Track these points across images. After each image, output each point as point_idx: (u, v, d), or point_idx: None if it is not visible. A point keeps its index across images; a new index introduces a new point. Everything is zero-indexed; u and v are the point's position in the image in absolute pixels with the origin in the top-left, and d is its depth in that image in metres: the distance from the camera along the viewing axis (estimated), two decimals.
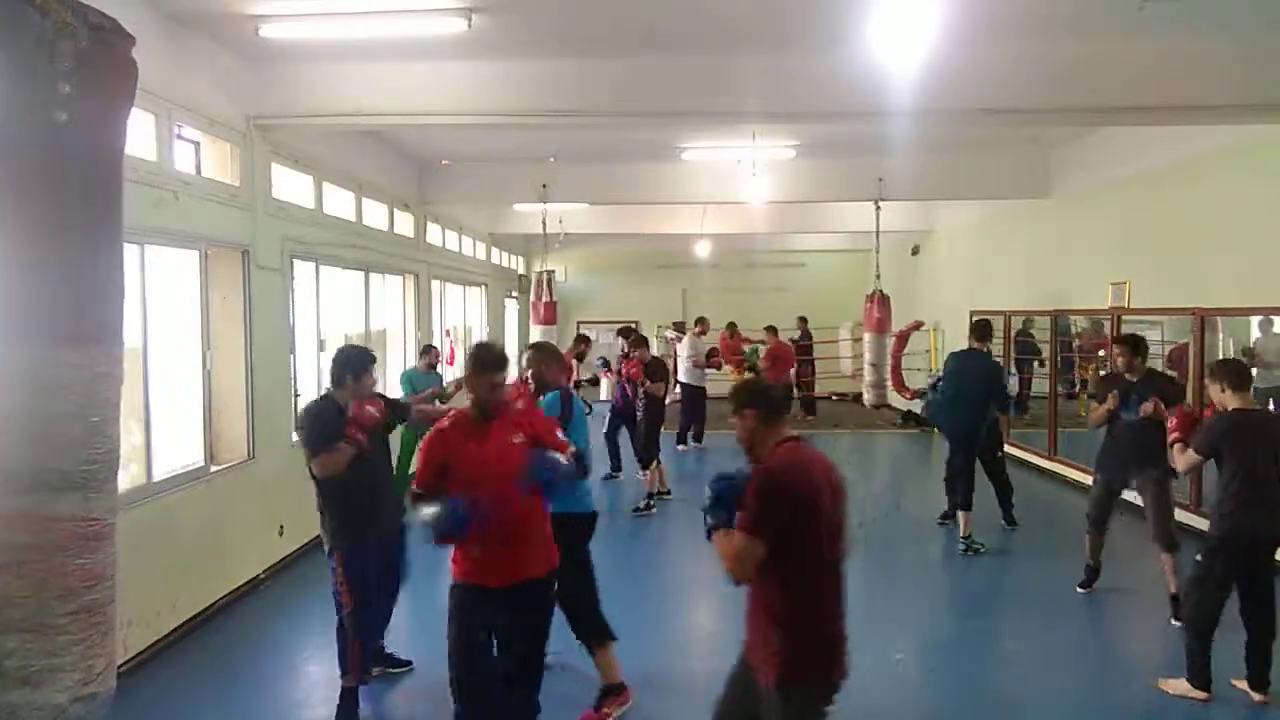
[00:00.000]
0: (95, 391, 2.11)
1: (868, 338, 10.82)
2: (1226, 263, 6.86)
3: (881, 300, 10.45)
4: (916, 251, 14.83)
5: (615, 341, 9.84)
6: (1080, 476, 8.65)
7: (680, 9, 5.32)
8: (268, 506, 6.16)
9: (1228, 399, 4.17)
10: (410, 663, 4.67)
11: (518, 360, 15.91)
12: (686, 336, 11.93)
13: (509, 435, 3.33)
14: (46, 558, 2.01)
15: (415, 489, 3.35)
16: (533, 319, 12.21)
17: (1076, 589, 5.83)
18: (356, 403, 4.05)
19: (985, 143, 9.47)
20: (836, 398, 16.74)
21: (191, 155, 5.64)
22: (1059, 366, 10.10)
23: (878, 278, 10.69)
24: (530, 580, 3.38)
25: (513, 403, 3.61)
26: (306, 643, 5.15)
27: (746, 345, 14.10)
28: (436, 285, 11.19)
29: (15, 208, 2.04)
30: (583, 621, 4.15)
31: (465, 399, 3.54)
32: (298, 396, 6.91)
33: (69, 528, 2.04)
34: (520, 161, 10.19)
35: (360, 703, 4.12)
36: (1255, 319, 6.88)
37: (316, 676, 4.65)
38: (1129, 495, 5.70)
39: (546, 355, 4.42)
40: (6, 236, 2.04)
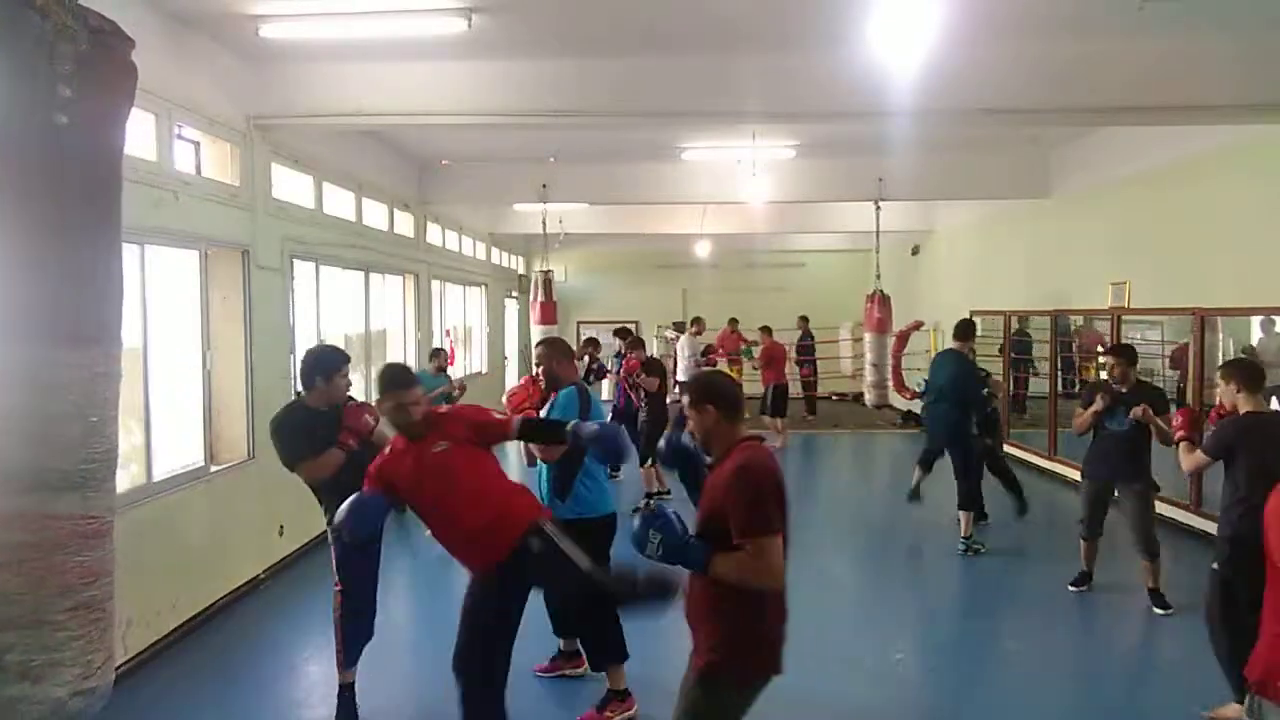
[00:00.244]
0: (94, 391, 2.13)
1: (868, 338, 10.82)
2: (1226, 263, 6.86)
3: (882, 300, 10.45)
4: (916, 251, 14.83)
5: (613, 342, 9.87)
6: (1080, 476, 8.65)
7: (680, 9, 5.32)
8: (268, 506, 6.16)
9: (1241, 400, 4.04)
10: None
11: (519, 358, 15.76)
12: (683, 337, 11.94)
13: (431, 447, 3.32)
14: (46, 555, 2.03)
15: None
16: (533, 319, 12.22)
17: (1068, 587, 5.85)
18: (354, 409, 3.97)
19: (985, 143, 9.47)
20: (837, 398, 16.75)
21: (191, 155, 5.64)
22: (1058, 366, 10.10)
23: (878, 278, 10.70)
24: (518, 540, 3.26)
25: (439, 414, 3.54)
26: (306, 643, 5.15)
27: (742, 344, 14.13)
28: (436, 285, 11.19)
29: (15, 209, 2.06)
30: (600, 637, 4.04)
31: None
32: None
33: (68, 526, 2.06)
34: (520, 161, 10.19)
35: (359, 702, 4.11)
36: (1257, 319, 6.87)
37: (316, 676, 4.65)
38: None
39: (557, 350, 4.31)
40: (7, 237, 2.06)
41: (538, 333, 12.07)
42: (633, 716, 4.02)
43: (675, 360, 12.26)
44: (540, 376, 4.22)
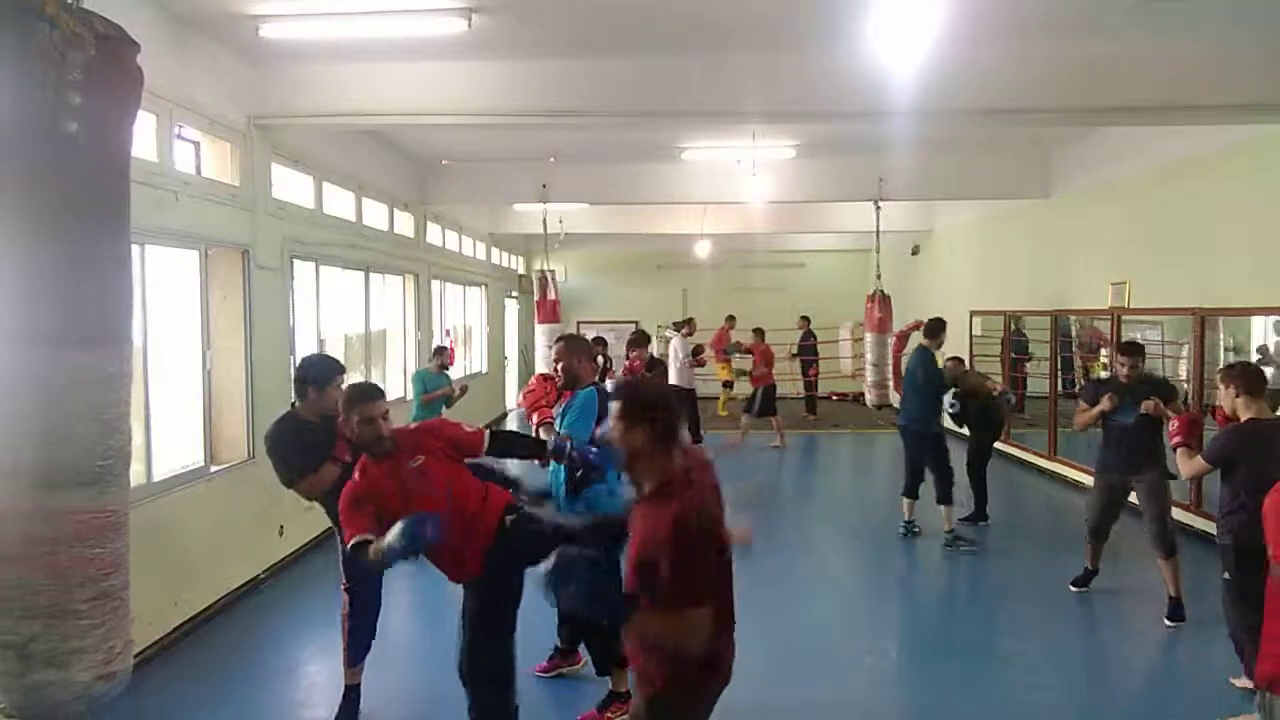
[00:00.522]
0: (108, 391, 2.20)
1: (869, 338, 10.82)
2: (1226, 263, 6.85)
3: (882, 300, 10.45)
4: (916, 251, 14.83)
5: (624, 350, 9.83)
6: (1080, 476, 8.66)
7: (680, 9, 5.31)
8: (268, 506, 6.15)
9: (1241, 406, 3.95)
10: None
11: (519, 358, 15.74)
12: (675, 338, 11.86)
13: (407, 462, 3.23)
14: (66, 549, 2.12)
15: (358, 539, 3.06)
16: (537, 317, 12.22)
17: (1069, 587, 5.84)
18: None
19: (985, 143, 9.47)
20: (837, 398, 16.76)
21: (191, 155, 5.64)
22: (1058, 366, 10.10)
23: (878, 277, 10.70)
24: (492, 543, 3.30)
25: (402, 431, 3.44)
26: (306, 643, 5.15)
27: (729, 342, 14.06)
28: (436, 285, 11.19)
29: (30, 216, 2.11)
30: (605, 642, 3.99)
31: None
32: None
33: (86, 520, 2.14)
34: (520, 161, 10.19)
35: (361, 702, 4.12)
36: (1271, 319, 6.71)
37: (316, 676, 4.66)
38: (1131, 497, 5.68)
39: (578, 348, 4.19)
40: (22, 243, 2.12)
41: (541, 332, 12.08)
42: None
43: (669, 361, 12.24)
44: (559, 374, 4.15)
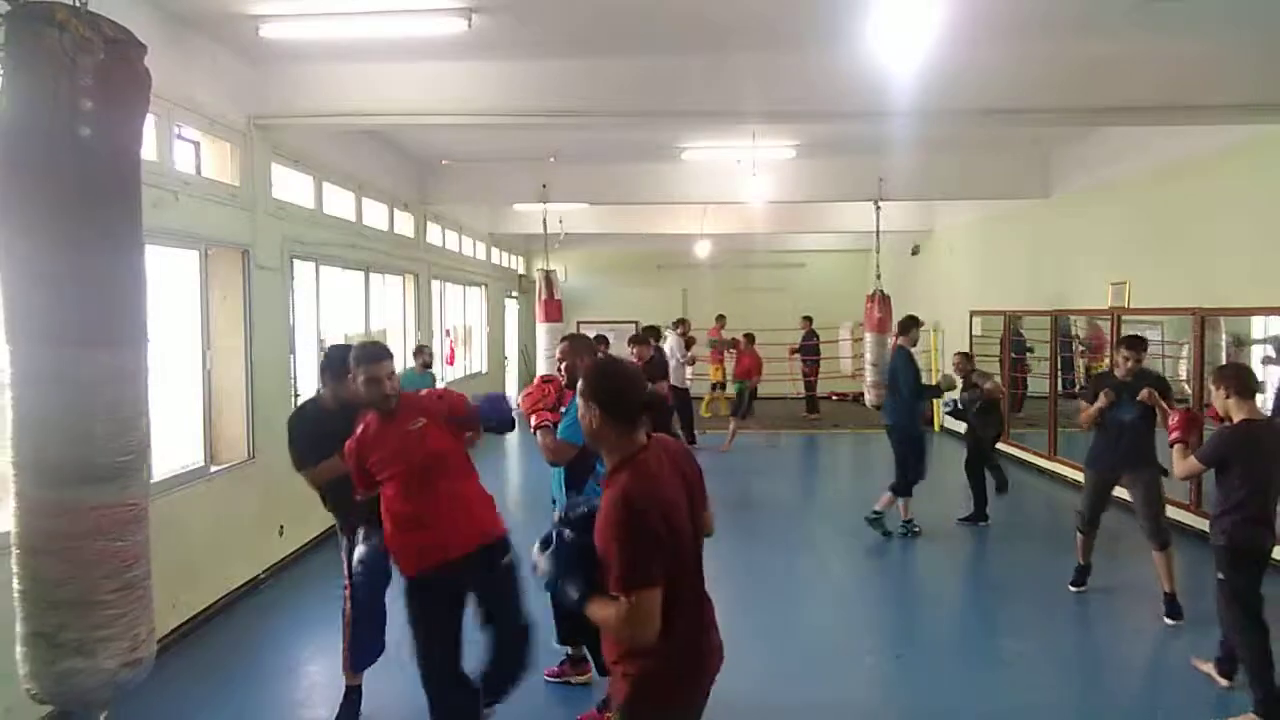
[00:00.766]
0: (126, 388, 2.28)
1: (868, 338, 10.82)
2: (1226, 263, 6.85)
3: (882, 300, 10.45)
4: (916, 251, 14.83)
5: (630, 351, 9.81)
6: (1080, 476, 8.63)
7: (680, 9, 5.31)
8: (268, 506, 6.16)
9: (1233, 407, 4.01)
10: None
11: (519, 357, 15.67)
12: (670, 337, 11.84)
13: (408, 423, 3.43)
14: (90, 542, 2.20)
15: (360, 494, 3.52)
16: (538, 316, 12.22)
17: (1068, 587, 5.85)
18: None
19: (985, 143, 9.47)
20: (837, 398, 16.75)
21: (191, 155, 5.64)
22: (1058, 366, 10.10)
23: (878, 278, 10.69)
24: (485, 546, 3.45)
25: (409, 396, 3.63)
26: (306, 643, 5.15)
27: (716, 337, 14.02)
28: (436, 285, 11.20)
29: (48, 221, 2.16)
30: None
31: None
32: (298, 396, 6.91)
33: (108, 514, 2.23)
34: (520, 161, 10.19)
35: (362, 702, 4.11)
36: (1273, 318, 6.77)
37: (316, 676, 4.65)
38: (1120, 492, 5.69)
39: (581, 347, 4.25)
40: (41, 248, 2.16)
41: (542, 331, 12.07)
42: None
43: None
44: (563, 374, 4.19)
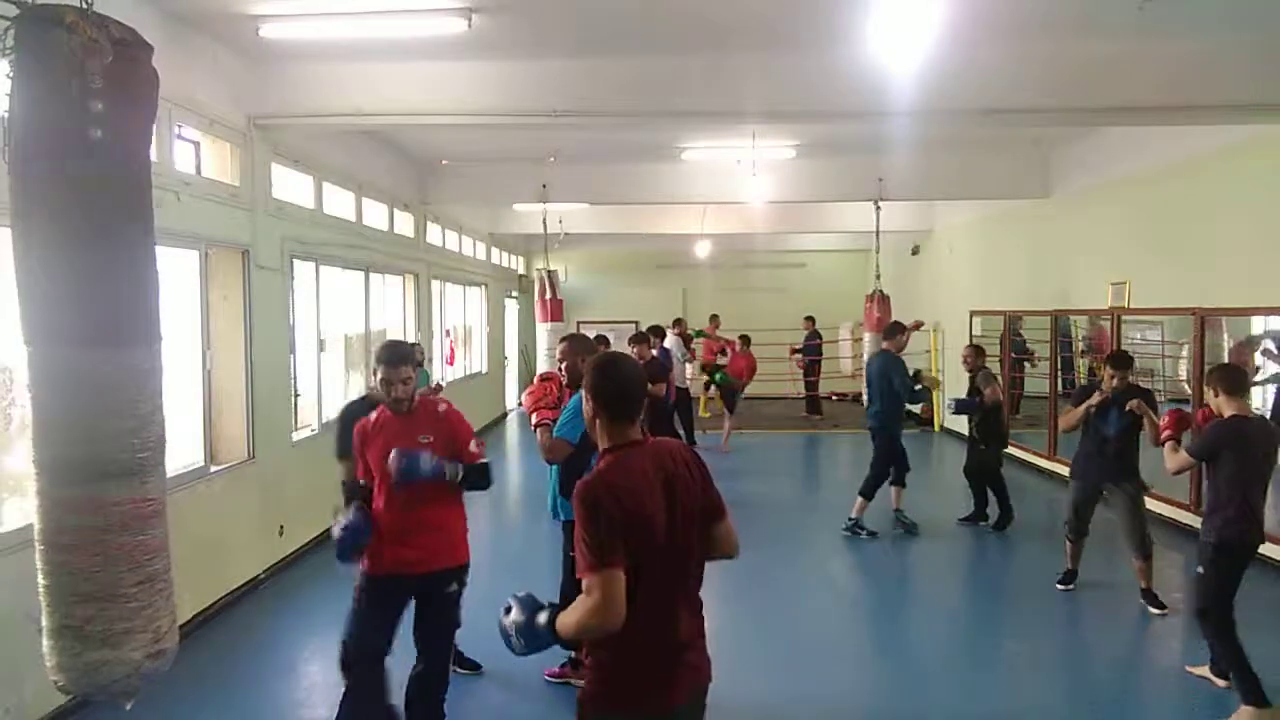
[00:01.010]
0: (143, 386, 2.30)
1: (868, 337, 10.83)
2: (1226, 263, 6.85)
3: (882, 300, 10.46)
4: (916, 251, 14.83)
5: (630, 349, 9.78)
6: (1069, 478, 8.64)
7: (680, 9, 5.32)
8: (268, 506, 6.16)
9: (1223, 404, 4.14)
10: (480, 666, 4.59)
11: (519, 357, 15.62)
12: (669, 337, 11.76)
13: (418, 434, 3.47)
14: (113, 536, 2.24)
15: (356, 480, 3.56)
16: (538, 317, 12.22)
17: (1056, 586, 5.86)
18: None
19: (985, 143, 9.47)
20: (837, 398, 16.75)
21: (191, 155, 5.64)
22: (1058, 366, 10.10)
23: (878, 278, 10.70)
24: (440, 570, 3.51)
25: (436, 404, 3.66)
26: (306, 643, 5.15)
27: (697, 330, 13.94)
28: (436, 285, 11.20)
29: (61, 223, 2.18)
30: None
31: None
32: (298, 396, 6.92)
33: (129, 509, 2.26)
34: (520, 161, 10.20)
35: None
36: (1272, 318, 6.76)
37: (316, 676, 4.65)
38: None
39: (581, 348, 4.25)
40: (55, 250, 2.19)
41: (543, 331, 12.07)
42: None
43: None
44: (564, 373, 4.19)
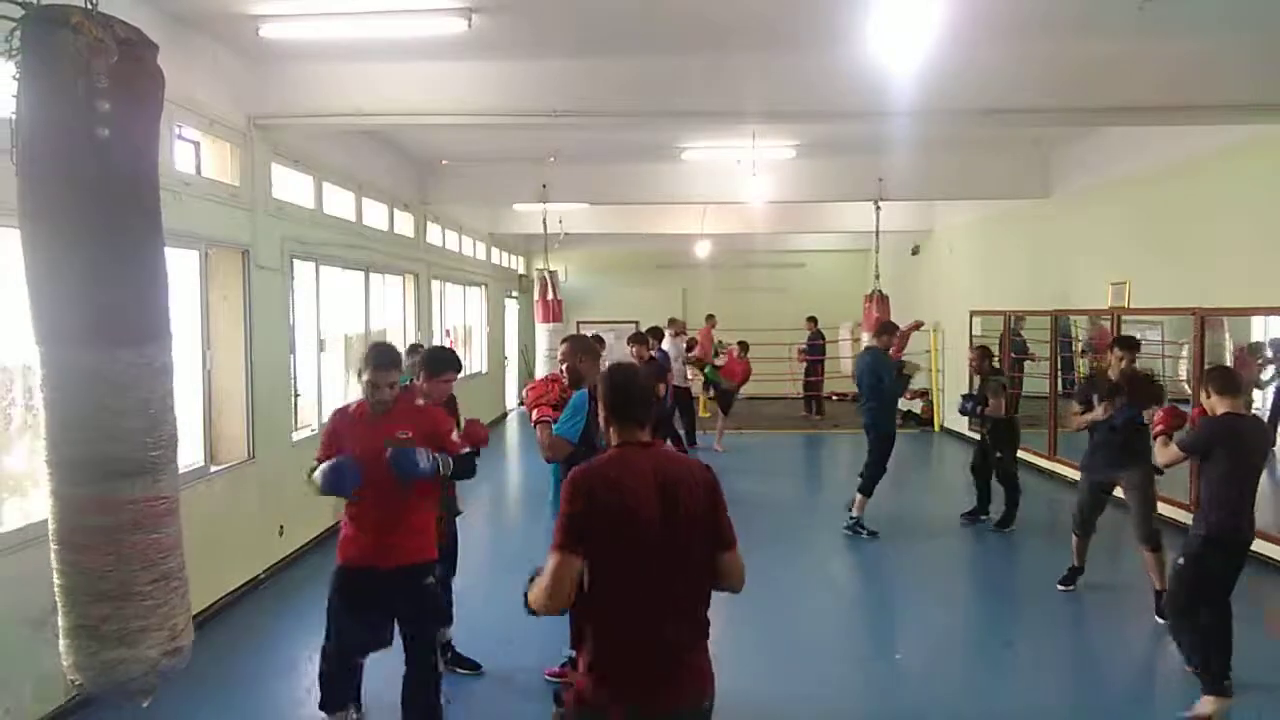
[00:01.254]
0: (154, 385, 2.30)
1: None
2: (1226, 263, 6.85)
3: (880, 300, 10.45)
4: (916, 251, 14.83)
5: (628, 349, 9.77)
6: (1079, 476, 8.64)
7: (680, 9, 5.32)
8: (268, 506, 6.16)
9: (1215, 404, 4.19)
10: (480, 666, 4.61)
11: (519, 357, 15.61)
12: (666, 338, 11.70)
13: (397, 429, 3.50)
14: (127, 535, 2.25)
15: (316, 460, 3.59)
16: (538, 317, 12.20)
17: (1057, 586, 5.85)
18: (469, 424, 4.00)
19: (985, 143, 9.47)
20: (837, 398, 16.74)
21: (191, 155, 5.64)
22: (1058, 366, 10.10)
23: (877, 278, 10.70)
24: (411, 565, 3.55)
25: (412, 400, 3.69)
26: (306, 643, 5.12)
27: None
28: (436, 285, 11.19)
29: (71, 223, 2.18)
30: None
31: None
32: (298, 396, 6.92)
33: (142, 508, 2.27)
34: (520, 161, 10.19)
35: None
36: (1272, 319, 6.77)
37: (316, 676, 4.64)
38: (1118, 492, 5.69)
39: (582, 348, 4.23)
40: (65, 250, 2.19)
41: (542, 331, 12.06)
42: None
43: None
44: (565, 374, 4.18)
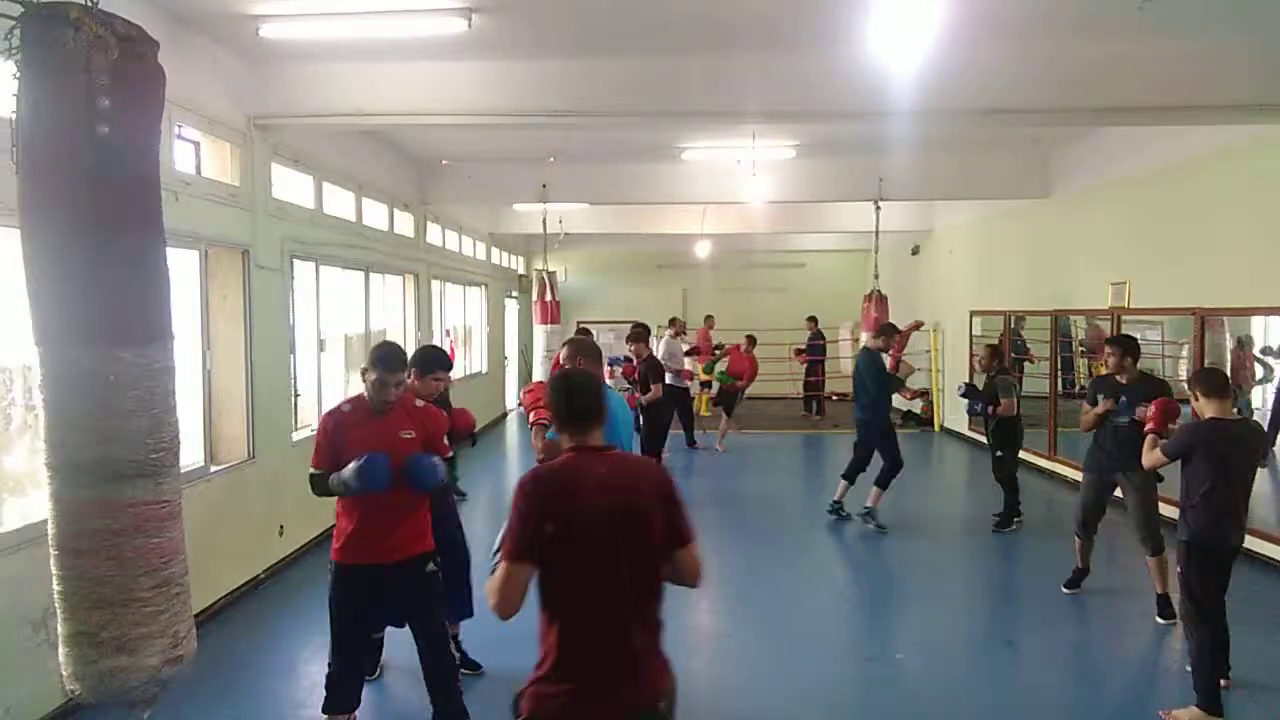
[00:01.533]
0: (156, 386, 2.28)
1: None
2: (1226, 263, 6.85)
3: (880, 300, 10.45)
4: (916, 251, 14.83)
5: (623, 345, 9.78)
6: (1079, 476, 8.63)
7: (680, 9, 5.31)
8: (268, 506, 6.16)
9: (1203, 407, 4.20)
10: (480, 666, 4.62)
11: (519, 357, 15.66)
12: (664, 338, 11.67)
13: (400, 429, 3.52)
14: (128, 539, 2.21)
15: (313, 470, 3.53)
16: (536, 318, 12.20)
17: (1062, 589, 5.86)
18: (457, 412, 4.07)
19: (985, 143, 9.47)
20: (837, 398, 16.74)
21: (191, 155, 5.64)
22: (1058, 366, 10.10)
23: (876, 278, 10.70)
24: (412, 557, 3.58)
25: (411, 399, 3.70)
26: (306, 643, 5.14)
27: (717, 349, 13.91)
28: (436, 285, 11.19)
29: (72, 221, 2.16)
30: None
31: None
32: (298, 396, 6.91)
33: (144, 511, 2.24)
34: (520, 161, 10.20)
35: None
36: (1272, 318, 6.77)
37: (317, 676, 4.59)
38: (1120, 493, 5.70)
39: (584, 350, 4.13)
40: (66, 249, 2.17)
41: (540, 332, 12.05)
42: None
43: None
44: None
